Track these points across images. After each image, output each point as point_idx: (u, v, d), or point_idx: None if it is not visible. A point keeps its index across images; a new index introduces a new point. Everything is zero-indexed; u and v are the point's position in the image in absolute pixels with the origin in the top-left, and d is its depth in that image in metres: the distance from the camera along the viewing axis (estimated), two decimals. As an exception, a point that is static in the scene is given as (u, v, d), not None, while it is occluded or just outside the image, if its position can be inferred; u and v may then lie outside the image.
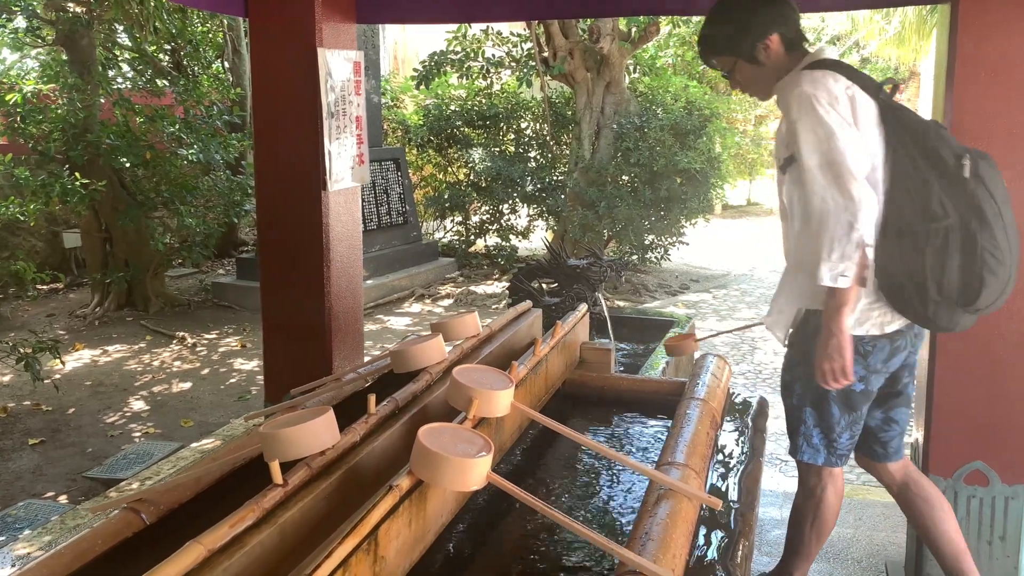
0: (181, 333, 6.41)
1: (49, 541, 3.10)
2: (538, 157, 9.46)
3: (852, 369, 1.94)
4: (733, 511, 1.61)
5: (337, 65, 2.74)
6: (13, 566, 2.91)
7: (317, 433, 1.25)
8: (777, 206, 2.13)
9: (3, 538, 3.30)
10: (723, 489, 1.71)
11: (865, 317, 2.00)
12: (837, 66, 1.95)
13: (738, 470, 1.78)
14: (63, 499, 3.78)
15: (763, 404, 2.20)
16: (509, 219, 9.37)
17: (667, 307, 7.34)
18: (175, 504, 1.42)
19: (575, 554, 1.54)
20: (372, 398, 1.47)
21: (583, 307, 2.34)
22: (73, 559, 1.23)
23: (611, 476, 1.88)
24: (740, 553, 1.47)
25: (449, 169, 9.69)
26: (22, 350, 4.27)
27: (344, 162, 2.85)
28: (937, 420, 2.56)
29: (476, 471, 1.22)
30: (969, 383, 2.50)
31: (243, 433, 1.64)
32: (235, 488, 1.49)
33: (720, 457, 1.86)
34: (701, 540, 1.50)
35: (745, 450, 1.88)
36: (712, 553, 1.46)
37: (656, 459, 1.71)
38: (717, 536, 1.53)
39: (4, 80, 6.34)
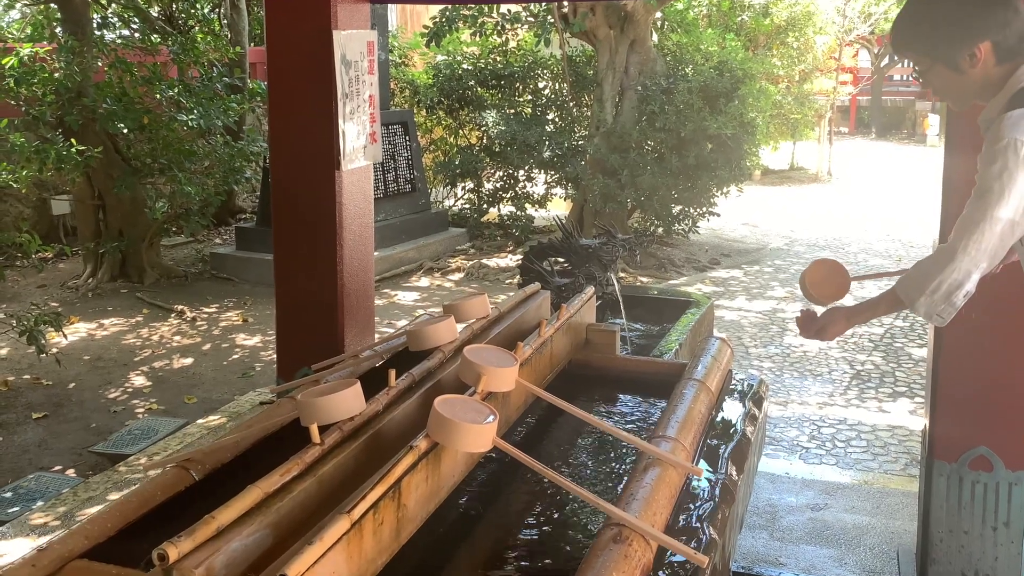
0: (180, 306, 6.83)
1: (64, 512, 3.54)
2: (556, 120, 9.68)
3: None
4: (719, 482, 1.99)
5: (351, 47, 3.08)
6: (30, 535, 3.35)
7: (347, 401, 1.63)
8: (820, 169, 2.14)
9: (17, 509, 3.73)
10: (714, 462, 2.08)
11: None
12: None
13: (727, 446, 2.15)
14: (71, 472, 4.21)
15: (761, 387, 2.56)
16: (525, 187, 9.61)
17: (694, 284, 7.66)
18: (218, 464, 1.81)
19: (571, 513, 1.92)
20: (392, 373, 1.85)
21: (590, 290, 2.70)
22: (139, 504, 1.63)
23: (609, 448, 2.25)
24: (720, 517, 1.84)
25: (461, 132, 9.95)
26: (25, 323, 4.67)
27: (358, 142, 3.21)
28: (941, 406, 2.88)
29: (483, 436, 1.59)
30: (973, 370, 2.80)
31: (271, 405, 2.03)
32: (268, 453, 1.87)
33: (715, 433, 2.23)
34: (692, 507, 1.88)
35: (737, 429, 2.25)
36: (697, 516, 1.84)
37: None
38: (704, 503, 1.90)
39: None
